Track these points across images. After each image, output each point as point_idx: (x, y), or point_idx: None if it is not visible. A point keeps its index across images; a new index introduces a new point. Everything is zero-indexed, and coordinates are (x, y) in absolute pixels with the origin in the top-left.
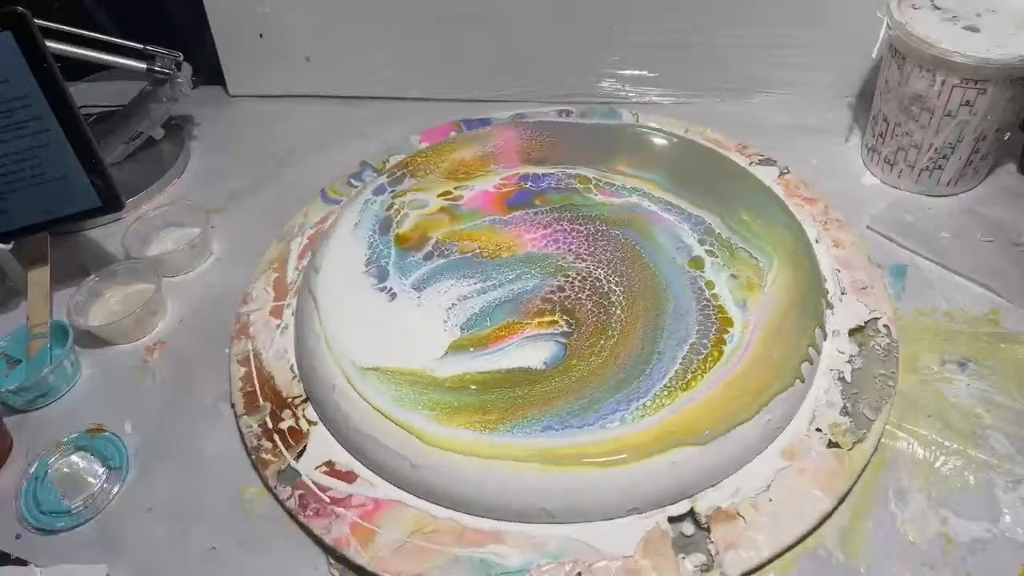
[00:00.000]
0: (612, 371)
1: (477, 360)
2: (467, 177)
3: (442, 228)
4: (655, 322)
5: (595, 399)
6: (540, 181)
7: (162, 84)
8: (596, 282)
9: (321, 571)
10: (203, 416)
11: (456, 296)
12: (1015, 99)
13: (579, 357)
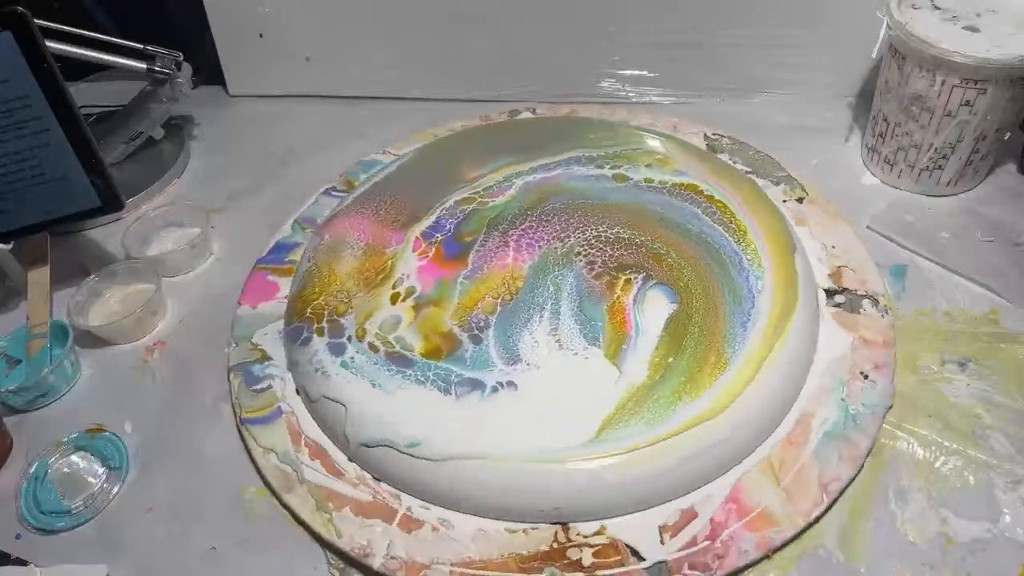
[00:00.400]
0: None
1: (642, 350)
2: (385, 274)
3: (445, 313)
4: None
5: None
6: (438, 228)
7: (162, 84)
8: (607, 236)
9: (321, 571)
10: (203, 416)
11: (544, 334)
12: (1015, 99)
13: (689, 294)
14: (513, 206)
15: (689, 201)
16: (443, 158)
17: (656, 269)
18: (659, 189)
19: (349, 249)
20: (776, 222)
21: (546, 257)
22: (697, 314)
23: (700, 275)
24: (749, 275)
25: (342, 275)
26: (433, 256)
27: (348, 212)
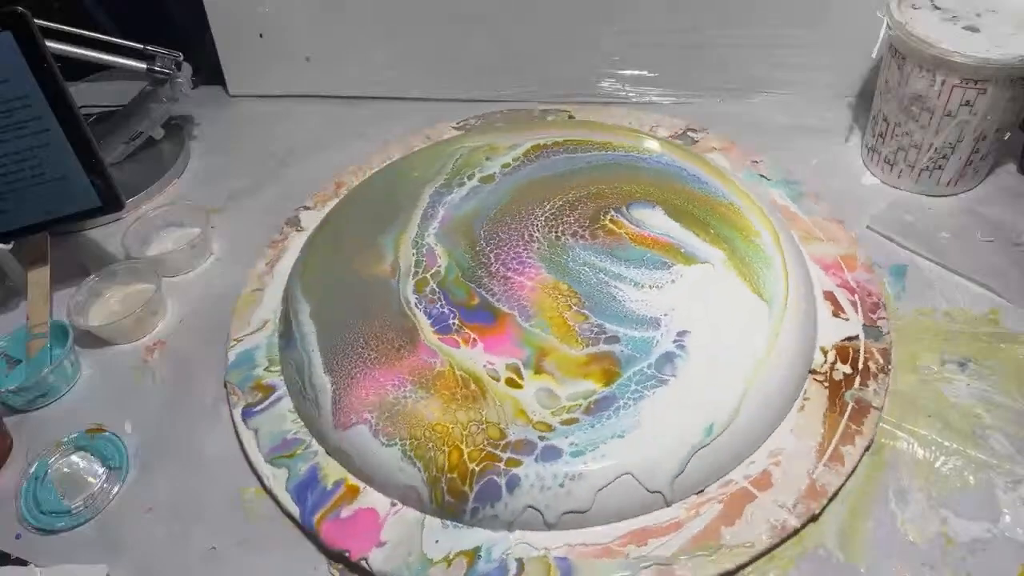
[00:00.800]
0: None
1: (695, 242)
2: (474, 381)
3: (572, 349)
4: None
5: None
6: (440, 320)
7: (162, 84)
8: (555, 209)
9: (321, 571)
10: (203, 416)
11: (644, 294)
12: (1015, 99)
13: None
14: (459, 252)
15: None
16: (342, 264)
17: (614, 198)
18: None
19: (409, 401)
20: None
21: (543, 255)
22: (679, 199)
23: (653, 182)
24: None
25: (438, 421)
26: (478, 335)
27: (343, 386)
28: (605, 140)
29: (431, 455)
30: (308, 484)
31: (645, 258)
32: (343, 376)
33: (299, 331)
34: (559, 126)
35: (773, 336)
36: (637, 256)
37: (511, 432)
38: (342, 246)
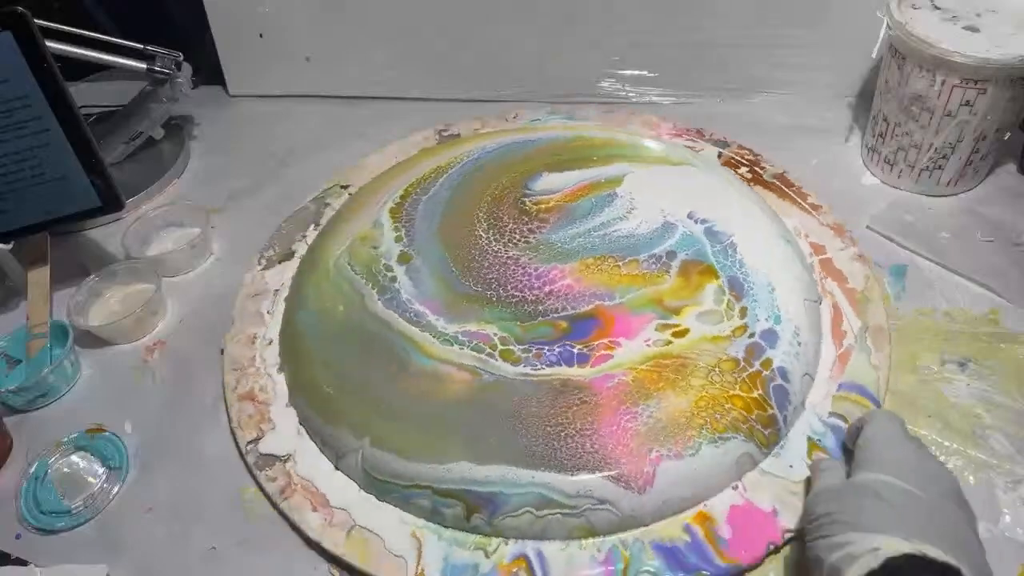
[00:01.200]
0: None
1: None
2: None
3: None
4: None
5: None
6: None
7: (162, 84)
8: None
9: (321, 571)
10: (203, 416)
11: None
12: (1015, 99)
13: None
14: (488, 313)
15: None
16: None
17: (511, 188)
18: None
19: (654, 419)
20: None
21: (542, 258)
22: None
23: (525, 158)
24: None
25: (692, 403)
26: (610, 336)
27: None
28: (467, 150)
29: (726, 422)
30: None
31: (594, 203)
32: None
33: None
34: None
35: (732, 176)
36: (588, 206)
37: (734, 350)
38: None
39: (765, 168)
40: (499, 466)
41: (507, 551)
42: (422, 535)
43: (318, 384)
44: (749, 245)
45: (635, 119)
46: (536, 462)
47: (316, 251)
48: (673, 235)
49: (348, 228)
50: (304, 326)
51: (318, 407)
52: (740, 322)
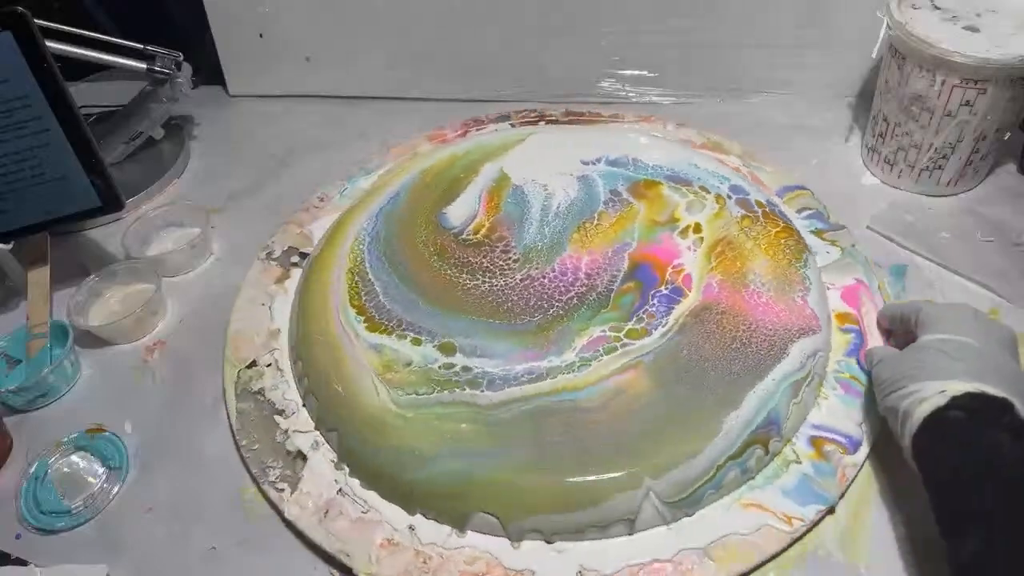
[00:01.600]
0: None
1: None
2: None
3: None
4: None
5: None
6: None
7: (162, 84)
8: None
9: (321, 571)
10: (203, 416)
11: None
12: (1015, 99)
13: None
14: (575, 310)
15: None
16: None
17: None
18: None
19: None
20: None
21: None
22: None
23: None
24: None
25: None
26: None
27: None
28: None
29: (793, 249)
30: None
31: (514, 203)
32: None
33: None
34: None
35: (558, 127)
36: (513, 208)
37: (736, 212)
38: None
39: (552, 114)
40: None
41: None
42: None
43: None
44: (643, 152)
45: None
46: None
47: (362, 431)
48: (596, 182)
49: (352, 368)
50: (445, 477)
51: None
52: (711, 196)
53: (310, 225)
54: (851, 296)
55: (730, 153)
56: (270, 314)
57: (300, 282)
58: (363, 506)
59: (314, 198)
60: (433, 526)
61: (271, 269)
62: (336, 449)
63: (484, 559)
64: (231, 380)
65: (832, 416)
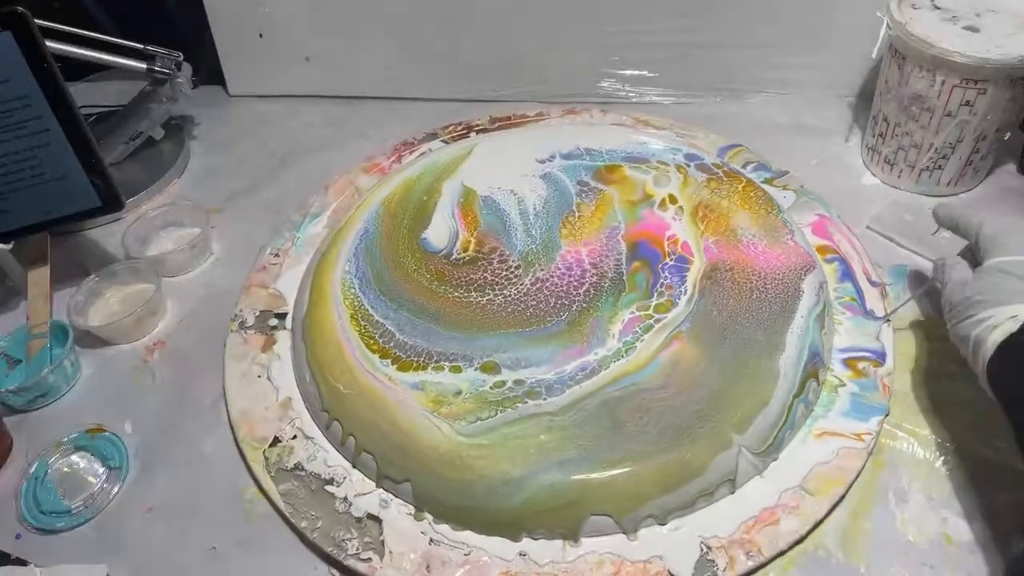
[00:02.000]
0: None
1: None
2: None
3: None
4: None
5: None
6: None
7: (162, 84)
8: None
9: (321, 571)
10: (203, 416)
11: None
12: (1015, 99)
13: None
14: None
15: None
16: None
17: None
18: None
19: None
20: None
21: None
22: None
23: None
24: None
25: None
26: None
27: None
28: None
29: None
30: None
31: (489, 213)
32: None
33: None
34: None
35: (497, 134)
36: (491, 219)
37: (701, 177)
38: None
39: (480, 123)
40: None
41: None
42: None
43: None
44: (591, 141)
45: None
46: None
47: (439, 472)
48: (560, 178)
49: (402, 413)
50: (546, 492)
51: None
52: (672, 168)
53: (275, 284)
54: (820, 230)
55: (662, 128)
56: (271, 384)
57: (299, 343)
58: (464, 548)
59: (267, 256)
60: (544, 545)
61: (251, 338)
62: (412, 500)
63: (608, 560)
64: (258, 464)
65: (851, 337)
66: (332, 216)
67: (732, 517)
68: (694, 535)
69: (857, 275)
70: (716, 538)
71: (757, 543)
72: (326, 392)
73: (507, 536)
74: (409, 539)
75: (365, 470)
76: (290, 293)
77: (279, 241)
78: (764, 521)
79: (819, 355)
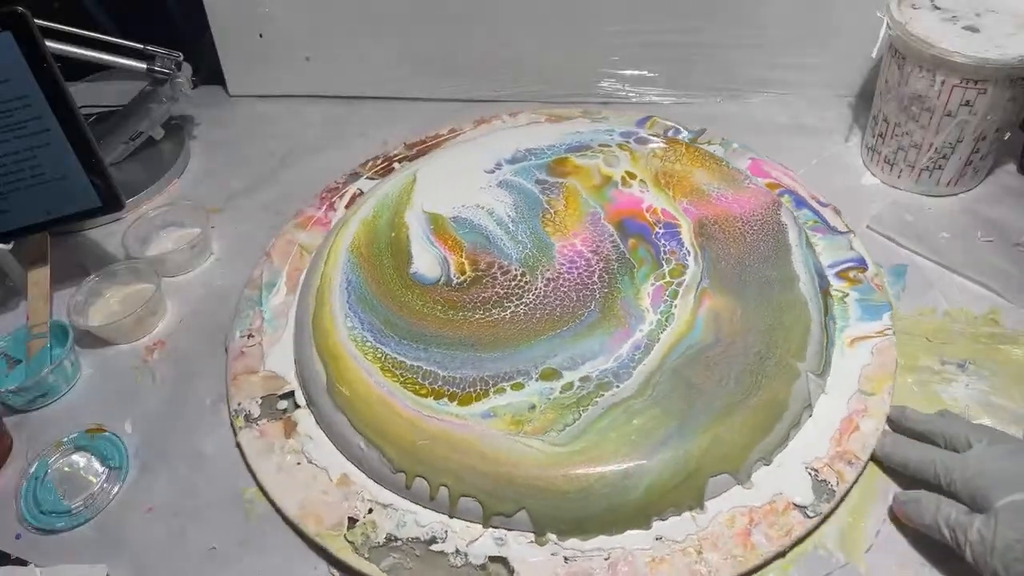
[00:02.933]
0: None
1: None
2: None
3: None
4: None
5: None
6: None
7: (162, 84)
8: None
9: (321, 571)
10: (203, 416)
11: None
12: (1015, 99)
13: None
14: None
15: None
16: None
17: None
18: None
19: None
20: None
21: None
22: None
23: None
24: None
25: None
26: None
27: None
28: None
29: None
30: None
31: (466, 232)
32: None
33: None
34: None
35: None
36: (471, 235)
37: (650, 149)
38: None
39: (397, 153)
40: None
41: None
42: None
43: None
44: (530, 140)
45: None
46: (774, 252)
47: (553, 490)
48: (517, 182)
49: (487, 446)
50: (668, 472)
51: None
52: (615, 148)
53: (264, 366)
54: (758, 170)
55: (573, 118)
56: (316, 467)
57: (334, 415)
58: (602, 553)
59: (238, 340)
60: (674, 523)
61: (267, 428)
62: (531, 527)
63: (738, 513)
64: (347, 551)
65: (831, 253)
66: (289, 281)
67: (820, 437)
68: (798, 464)
69: (808, 201)
70: (817, 459)
71: (851, 450)
72: (393, 452)
73: (638, 527)
74: (543, 566)
75: (467, 515)
76: (286, 370)
77: (244, 322)
78: (847, 430)
79: (822, 274)
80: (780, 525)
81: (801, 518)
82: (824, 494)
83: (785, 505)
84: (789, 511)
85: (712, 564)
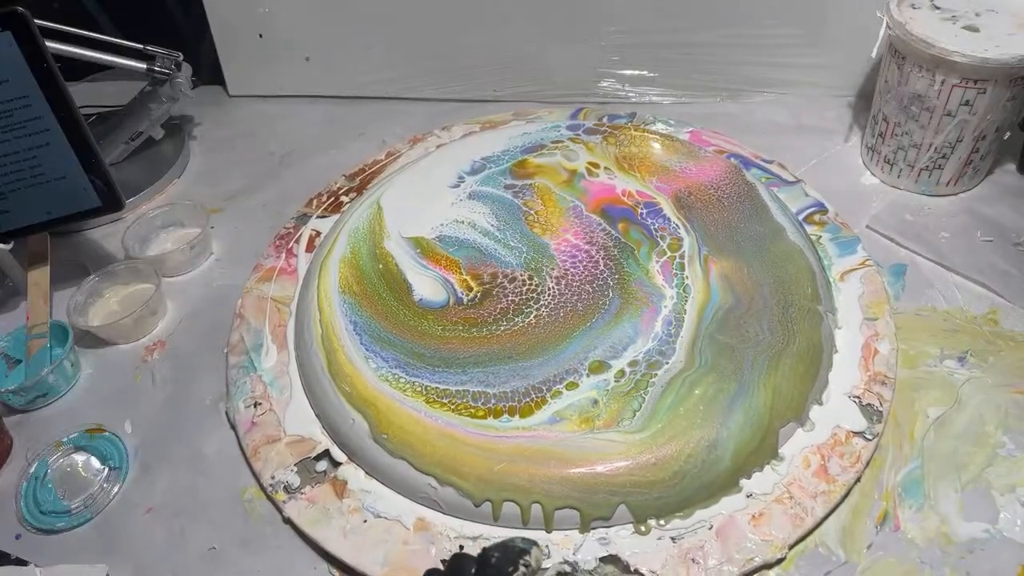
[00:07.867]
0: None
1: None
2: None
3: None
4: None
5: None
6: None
7: (162, 84)
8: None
9: (321, 571)
10: (203, 416)
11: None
12: (1015, 99)
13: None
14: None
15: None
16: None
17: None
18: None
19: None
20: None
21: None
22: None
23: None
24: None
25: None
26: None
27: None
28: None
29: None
30: None
31: (456, 248)
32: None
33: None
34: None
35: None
36: (458, 252)
37: (598, 139)
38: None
39: (341, 186)
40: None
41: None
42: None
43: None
44: (482, 149)
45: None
46: (753, 210)
47: (646, 476)
48: (486, 192)
49: (563, 451)
50: (748, 430)
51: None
52: (567, 142)
53: (286, 432)
54: (699, 140)
55: (508, 122)
56: (386, 519)
57: (390, 462)
58: (705, 524)
59: (243, 412)
60: (758, 478)
61: (315, 494)
62: (631, 518)
63: (809, 454)
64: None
65: (792, 202)
66: (276, 339)
67: (849, 368)
68: (842, 396)
69: (754, 160)
70: (856, 387)
71: (880, 371)
72: (471, 484)
73: (729, 492)
74: (655, 552)
75: (564, 524)
76: (311, 430)
77: (242, 392)
78: (869, 355)
79: (799, 222)
80: (849, 454)
81: (863, 443)
82: (873, 415)
83: (846, 435)
84: (851, 439)
85: (805, 505)
